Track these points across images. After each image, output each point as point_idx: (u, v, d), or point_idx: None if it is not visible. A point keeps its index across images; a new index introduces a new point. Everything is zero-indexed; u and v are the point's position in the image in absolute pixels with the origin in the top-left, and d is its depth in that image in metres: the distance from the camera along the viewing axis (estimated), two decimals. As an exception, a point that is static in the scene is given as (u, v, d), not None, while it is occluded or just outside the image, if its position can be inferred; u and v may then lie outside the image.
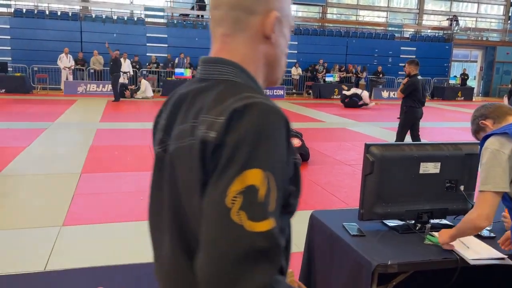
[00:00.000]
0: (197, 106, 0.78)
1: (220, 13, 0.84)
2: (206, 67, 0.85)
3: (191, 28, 18.69)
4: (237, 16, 0.82)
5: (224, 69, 0.82)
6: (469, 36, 23.16)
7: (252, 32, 0.83)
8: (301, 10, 21.99)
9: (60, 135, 7.85)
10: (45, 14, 17.21)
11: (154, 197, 0.88)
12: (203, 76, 0.84)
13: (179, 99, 0.85)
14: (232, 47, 0.84)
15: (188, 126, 0.77)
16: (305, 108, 14.13)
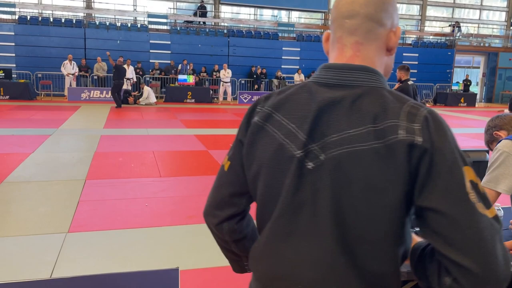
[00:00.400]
0: (367, 112, 0.83)
1: (354, 22, 0.91)
2: (345, 73, 0.90)
3: (194, 35, 18.78)
4: (370, 27, 0.91)
5: (372, 77, 0.89)
6: (471, 42, 23.19)
7: (380, 43, 0.93)
8: (304, 17, 22.09)
9: (64, 142, 7.87)
10: (49, 21, 17.34)
11: (288, 202, 0.88)
12: (343, 82, 0.89)
13: (329, 106, 0.87)
14: (365, 54, 0.92)
15: (366, 131, 0.82)
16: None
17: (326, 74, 0.92)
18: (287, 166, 0.88)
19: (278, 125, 0.92)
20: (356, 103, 0.85)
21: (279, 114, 0.92)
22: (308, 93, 0.91)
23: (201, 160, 6.80)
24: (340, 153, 0.83)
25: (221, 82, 17.30)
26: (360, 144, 0.82)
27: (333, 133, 0.85)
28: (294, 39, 20.36)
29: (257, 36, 19.63)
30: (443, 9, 24.04)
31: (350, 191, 0.82)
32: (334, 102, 0.87)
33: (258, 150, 0.93)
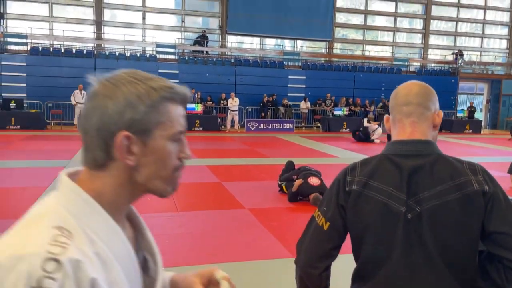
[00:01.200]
0: (444, 173, 1.19)
1: (410, 108, 1.26)
2: (414, 146, 1.24)
3: (202, 64, 19.13)
4: (421, 111, 1.26)
5: (433, 147, 1.24)
6: (474, 69, 23.49)
7: (429, 122, 1.27)
8: (308, 46, 22.51)
9: (79, 174, 7.94)
10: (61, 52, 17.73)
11: (402, 244, 1.18)
12: (417, 152, 1.22)
13: (414, 171, 1.20)
14: (421, 130, 1.26)
15: (449, 186, 1.17)
16: (315, 142, 14.23)
17: (401, 147, 1.24)
18: (395, 219, 1.19)
19: (377, 190, 1.21)
20: (434, 167, 1.19)
21: (375, 182, 1.22)
22: (392, 163, 1.23)
23: (216, 192, 6.84)
24: (433, 205, 1.16)
25: (229, 110, 17.50)
26: (446, 197, 1.16)
27: (424, 191, 1.18)
28: (299, 68, 20.68)
29: (263, 65, 19.97)
30: (445, 38, 24.47)
31: (446, 232, 1.16)
32: (418, 168, 1.20)
33: (363, 210, 1.22)
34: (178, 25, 20.61)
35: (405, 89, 1.29)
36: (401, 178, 1.19)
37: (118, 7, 19.74)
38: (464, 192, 1.15)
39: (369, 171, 1.24)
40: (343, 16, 22.83)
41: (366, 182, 1.22)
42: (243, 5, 20.27)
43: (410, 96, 1.27)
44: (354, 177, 1.26)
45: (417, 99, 1.26)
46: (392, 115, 1.31)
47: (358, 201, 1.23)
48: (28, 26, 18.12)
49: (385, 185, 1.20)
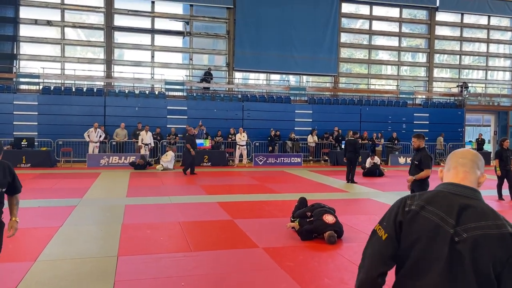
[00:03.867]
0: (488, 215, 1.49)
1: (465, 161, 1.66)
2: (464, 189, 1.58)
3: (210, 100, 19.40)
4: (473, 166, 1.65)
5: (478, 194, 1.59)
6: (480, 101, 23.60)
7: (476, 177, 1.65)
8: (314, 81, 22.82)
9: (90, 213, 7.92)
10: (72, 90, 18.10)
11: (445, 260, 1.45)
12: (466, 194, 1.56)
13: (465, 207, 1.51)
14: (470, 180, 1.63)
15: (490, 223, 1.46)
16: (324, 176, 14.17)
17: (454, 188, 1.59)
18: (442, 238, 1.47)
19: (431, 212, 1.53)
20: (479, 208, 1.51)
21: (431, 207, 1.55)
22: (446, 197, 1.56)
23: (228, 231, 6.76)
24: (477, 234, 1.43)
25: (237, 145, 17.57)
26: (488, 231, 1.44)
27: (471, 222, 1.47)
28: (305, 102, 20.90)
29: (270, 100, 20.21)
30: (449, 70, 24.75)
31: (482, 259, 1.41)
32: (466, 206, 1.52)
33: (418, 225, 1.53)
34: (186, 63, 21.06)
35: (463, 150, 1.72)
36: (453, 208, 1.50)
37: (128, 46, 20.28)
38: (501, 231, 1.44)
39: (426, 198, 1.58)
40: (347, 51, 23.26)
41: (424, 206, 1.56)
42: (249, 43, 20.76)
43: (467, 154, 1.69)
44: (413, 201, 1.60)
45: (472, 157, 1.67)
46: (447, 166, 1.69)
47: (414, 218, 1.55)
48: (40, 66, 18.60)
49: (439, 210, 1.52)
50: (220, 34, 21.16)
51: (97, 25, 19.77)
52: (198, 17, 20.85)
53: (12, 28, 18.49)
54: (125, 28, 19.98)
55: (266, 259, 5.34)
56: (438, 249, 1.47)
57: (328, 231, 5.95)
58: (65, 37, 19.43)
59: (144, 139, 16.26)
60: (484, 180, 1.65)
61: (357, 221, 7.56)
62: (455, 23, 24.38)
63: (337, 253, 5.64)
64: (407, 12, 23.64)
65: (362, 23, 23.34)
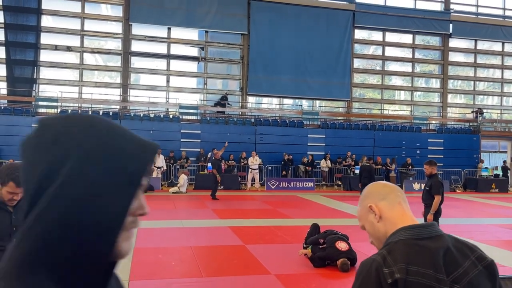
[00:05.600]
0: (465, 250, 1.31)
1: (403, 195, 1.45)
2: (428, 228, 1.33)
3: (223, 124, 19.57)
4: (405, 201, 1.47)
5: (437, 226, 1.34)
6: (495, 127, 23.33)
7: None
8: (327, 106, 22.91)
9: (103, 236, 7.94)
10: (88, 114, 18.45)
11: None
12: (432, 235, 1.31)
13: (445, 252, 1.28)
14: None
15: (472, 261, 1.29)
16: (337, 201, 14.03)
17: (418, 231, 1.31)
18: None
19: (418, 274, 1.24)
20: (456, 247, 1.30)
21: (414, 267, 1.24)
22: (421, 247, 1.27)
23: (240, 256, 6.70)
24: (468, 280, 1.25)
25: (250, 169, 17.58)
26: (473, 271, 1.27)
27: (457, 268, 1.26)
28: (318, 127, 20.92)
29: (282, 124, 20.30)
30: (464, 96, 24.63)
31: None
32: (446, 248, 1.28)
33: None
34: (200, 87, 21.39)
35: (390, 184, 1.51)
36: (437, 259, 1.25)
37: (144, 71, 20.73)
38: (483, 265, 1.29)
39: (403, 257, 1.25)
40: (360, 76, 23.38)
41: (407, 268, 1.23)
42: (263, 68, 21.04)
43: (397, 187, 1.50)
44: (391, 267, 1.24)
45: (399, 191, 1.47)
46: (388, 201, 1.41)
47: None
48: (58, 90, 19.08)
49: (425, 269, 1.23)
50: (234, 60, 21.52)
51: (115, 51, 20.30)
52: (213, 43, 21.28)
53: (33, 53, 19.09)
54: (141, 54, 20.47)
55: (278, 286, 5.26)
56: None
57: (341, 259, 5.86)
58: (83, 62, 19.97)
59: (157, 162, 16.39)
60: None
61: (371, 247, 7.40)
62: (468, 49, 24.40)
63: (350, 281, 5.53)
64: (420, 38, 23.78)
65: (375, 49, 23.52)
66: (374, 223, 1.42)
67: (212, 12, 20.48)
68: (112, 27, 20.27)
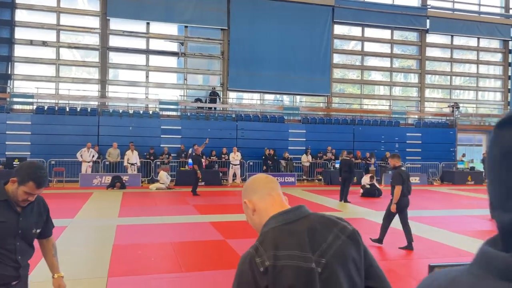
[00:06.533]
0: (329, 225, 1.39)
1: (272, 185, 1.55)
2: (295, 212, 1.42)
3: (204, 120, 19.47)
4: (279, 186, 1.58)
5: (305, 208, 1.45)
6: (471, 121, 23.88)
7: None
8: (308, 101, 23.03)
9: (81, 234, 7.83)
10: (65, 110, 18.10)
11: None
12: (299, 217, 1.40)
13: (309, 230, 1.36)
14: (284, 199, 1.53)
15: (336, 233, 1.37)
16: (318, 195, 14.16)
17: (285, 216, 1.41)
18: (310, 277, 1.29)
19: (286, 257, 1.31)
20: (320, 223, 1.39)
21: (282, 251, 1.32)
22: (288, 231, 1.36)
23: (221, 251, 6.71)
24: (332, 253, 1.32)
25: (231, 165, 17.56)
26: (338, 242, 1.34)
27: (322, 243, 1.34)
28: (299, 122, 21.03)
29: (263, 120, 20.32)
30: (441, 91, 25.11)
31: (349, 270, 1.33)
32: (311, 227, 1.37)
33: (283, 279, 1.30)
34: (180, 83, 21.21)
35: (262, 175, 1.61)
36: (302, 239, 1.33)
37: (123, 66, 20.42)
38: (346, 235, 1.36)
39: (272, 244, 1.33)
40: (340, 71, 23.56)
41: (275, 254, 1.31)
42: (244, 63, 20.99)
43: (269, 177, 1.59)
44: (262, 256, 1.31)
45: (274, 179, 1.59)
46: (258, 194, 1.51)
47: (275, 274, 1.29)
48: (34, 86, 18.64)
49: (291, 251, 1.31)
50: (214, 55, 21.41)
51: (92, 46, 19.93)
52: (193, 38, 21.11)
53: (7, 49, 18.59)
54: (120, 49, 20.16)
55: (258, 279, 5.28)
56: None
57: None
58: (60, 58, 19.55)
59: (130, 158, 16.20)
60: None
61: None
62: (445, 44, 24.85)
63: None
64: (399, 33, 24.09)
65: (355, 44, 23.73)
66: (251, 216, 1.52)
67: (191, 6, 20.30)
68: (89, 22, 19.88)
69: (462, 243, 7.49)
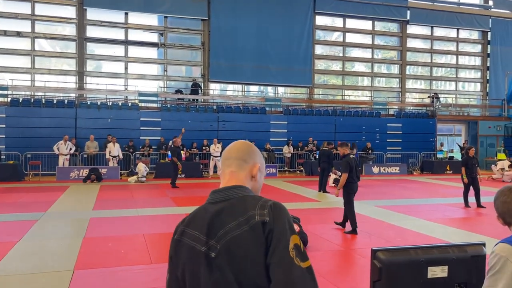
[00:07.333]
0: (238, 211, 1.32)
1: (229, 161, 1.48)
2: (224, 192, 1.40)
3: (184, 112, 19.28)
4: (238, 163, 1.47)
5: (241, 190, 1.41)
6: (450, 112, 24.16)
7: (246, 172, 1.47)
8: (290, 92, 22.99)
9: (52, 227, 7.68)
10: (41, 102, 17.71)
11: (206, 282, 1.29)
12: (224, 198, 1.38)
13: (216, 214, 1.34)
14: (238, 178, 1.45)
15: (238, 222, 1.30)
16: (298, 186, 14.18)
17: (214, 196, 1.41)
18: (199, 260, 1.31)
19: (189, 236, 1.37)
20: (234, 207, 1.34)
21: (189, 229, 1.38)
22: (204, 210, 1.39)
23: (193, 242, 6.64)
24: (227, 240, 1.28)
25: (211, 157, 17.46)
26: (236, 231, 1.29)
27: (220, 229, 1.31)
28: (281, 113, 20.98)
29: (245, 111, 20.22)
30: (421, 82, 25.33)
31: (242, 264, 1.26)
32: (219, 210, 1.35)
33: (180, 256, 1.37)
34: (160, 74, 20.94)
35: (230, 147, 1.53)
36: (204, 222, 1.35)
37: (101, 58, 20.05)
38: (250, 225, 1.28)
39: (188, 219, 1.42)
40: (323, 62, 23.55)
41: (183, 230, 1.40)
42: (225, 54, 20.81)
43: (232, 151, 1.50)
44: (179, 227, 1.43)
45: (237, 153, 1.49)
46: (222, 165, 1.52)
47: (177, 249, 1.39)
48: (9, 78, 18.18)
49: (194, 230, 1.36)
50: (195, 46, 21.16)
51: (69, 36, 19.50)
52: (173, 28, 20.82)
53: (-19, 39, 18.06)
54: (98, 39, 19.77)
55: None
56: (198, 275, 1.31)
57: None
58: (35, 48, 19.08)
59: (112, 151, 15.99)
60: (257, 169, 1.49)
61: (324, 230, 7.55)
62: (425, 35, 25.02)
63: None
64: (380, 24, 24.15)
65: (338, 35, 23.72)
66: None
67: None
68: (65, 12, 19.42)
69: (434, 230, 7.57)
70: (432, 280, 2.11)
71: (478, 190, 10.16)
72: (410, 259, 2.11)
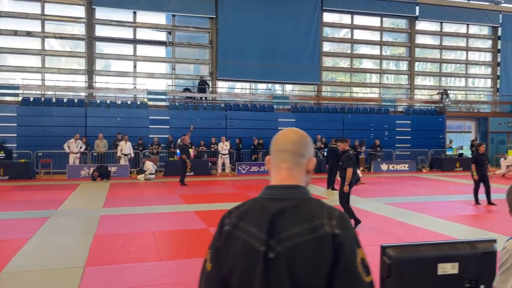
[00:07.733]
0: (303, 216, 1.27)
1: (285, 155, 1.38)
2: (284, 191, 1.34)
3: (193, 110, 19.34)
4: (296, 159, 1.38)
5: (301, 191, 1.34)
6: (460, 108, 23.93)
7: (303, 168, 1.39)
8: (298, 90, 22.95)
9: (63, 224, 7.77)
10: (52, 101, 17.89)
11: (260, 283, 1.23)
12: (284, 197, 1.32)
13: (277, 214, 1.28)
14: (295, 176, 1.37)
15: (304, 228, 1.24)
16: (306, 184, 14.14)
17: (271, 192, 1.34)
18: (255, 258, 1.24)
19: (244, 230, 1.29)
20: (296, 210, 1.28)
21: (244, 223, 1.30)
22: (262, 206, 1.31)
23: (202, 239, 6.67)
24: (290, 245, 1.23)
25: (219, 154, 17.51)
26: (301, 238, 1.23)
27: (283, 231, 1.25)
28: (289, 111, 20.96)
29: (253, 109, 20.22)
30: (431, 78, 25.11)
31: (301, 271, 1.21)
32: (280, 211, 1.28)
33: (231, 250, 1.29)
34: (169, 73, 21.02)
35: (283, 137, 1.42)
36: (265, 219, 1.27)
37: (110, 57, 20.19)
38: (318, 234, 1.23)
39: (241, 212, 1.34)
40: (330, 59, 23.46)
41: (236, 224, 1.31)
42: (232, 53, 20.82)
43: (288, 144, 1.39)
44: (230, 219, 1.34)
45: (293, 147, 1.38)
46: (272, 159, 1.41)
47: (228, 241, 1.31)
48: (20, 77, 18.38)
49: (251, 226, 1.29)
50: (203, 44, 21.20)
51: (78, 36, 19.65)
52: (181, 27, 20.87)
53: (-8, 39, 18.27)
54: (106, 39, 19.90)
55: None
56: (252, 274, 1.25)
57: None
58: (45, 48, 19.26)
59: (123, 149, 16.11)
60: (314, 163, 1.43)
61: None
62: (434, 31, 24.79)
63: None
64: (388, 21, 23.98)
65: (346, 32, 23.59)
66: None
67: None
68: (74, 11, 19.57)
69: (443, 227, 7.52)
70: (443, 277, 2.11)
71: (488, 187, 10.07)
72: (420, 255, 2.11)
